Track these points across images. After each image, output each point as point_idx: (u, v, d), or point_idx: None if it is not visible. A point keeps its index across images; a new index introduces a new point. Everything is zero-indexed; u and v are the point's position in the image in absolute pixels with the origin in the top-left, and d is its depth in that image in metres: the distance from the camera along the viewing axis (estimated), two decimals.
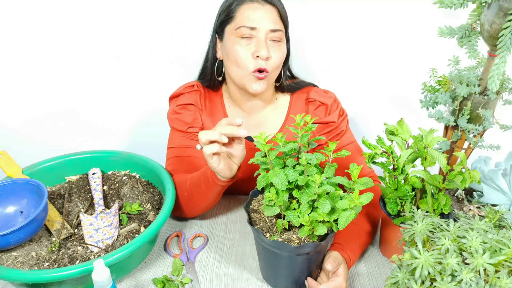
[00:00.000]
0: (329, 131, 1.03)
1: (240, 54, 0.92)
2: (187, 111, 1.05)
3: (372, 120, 1.38)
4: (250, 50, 0.92)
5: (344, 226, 0.68)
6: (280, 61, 0.96)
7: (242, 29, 0.91)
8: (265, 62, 0.92)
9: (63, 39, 1.28)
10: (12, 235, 0.75)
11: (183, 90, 1.07)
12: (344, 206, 0.68)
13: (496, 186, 0.87)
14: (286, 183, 0.70)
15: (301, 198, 0.70)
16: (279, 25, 0.93)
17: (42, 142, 1.41)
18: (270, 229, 0.77)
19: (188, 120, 1.04)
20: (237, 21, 0.93)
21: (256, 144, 0.73)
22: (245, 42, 0.92)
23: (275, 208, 0.72)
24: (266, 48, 0.91)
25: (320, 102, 1.04)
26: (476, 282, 0.52)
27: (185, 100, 1.06)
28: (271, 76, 0.96)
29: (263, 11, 0.92)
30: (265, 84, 0.95)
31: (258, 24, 0.91)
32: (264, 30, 0.91)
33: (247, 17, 0.91)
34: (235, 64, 0.94)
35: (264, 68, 0.92)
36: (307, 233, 0.70)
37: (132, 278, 0.86)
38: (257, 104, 1.05)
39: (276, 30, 0.93)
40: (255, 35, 0.92)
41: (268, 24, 0.91)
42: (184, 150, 1.03)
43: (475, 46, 0.83)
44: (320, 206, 0.68)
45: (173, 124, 1.06)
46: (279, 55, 0.94)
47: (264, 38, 0.92)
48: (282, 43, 0.95)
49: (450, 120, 0.89)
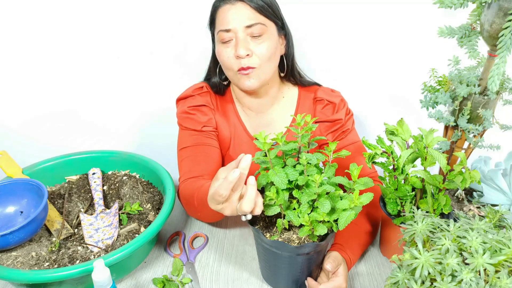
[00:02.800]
0: (336, 129, 1.03)
1: (224, 57, 0.94)
2: (200, 112, 1.04)
3: (372, 120, 1.37)
4: (231, 51, 0.93)
5: (344, 226, 0.68)
6: (269, 54, 0.94)
7: (220, 34, 0.93)
8: (247, 60, 0.92)
9: (63, 39, 1.28)
10: (12, 235, 0.76)
11: (192, 92, 1.05)
12: (344, 206, 0.68)
13: (496, 186, 0.87)
14: (286, 182, 0.70)
15: (301, 198, 0.70)
16: (254, 19, 0.91)
17: (42, 142, 1.41)
18: (270, 229, 0.77)
19: (203, 120, 1.03)
20: (217, 25, 0.94)
21: (256, 143, 0.73)
22: (226, 45, 0.93)
23: (275, 208, 0.72)
24: (243, 46, 0.91)
25: (328, 101, 1.04)
26: (476, 282, 0.52)
27: (196, 102, 1.04)
28: (261, 70, 0.94)
29: (234, 11, 0.91)
30: (256, 80, 0.94)
31: (232, 25, 0.91)
32: (239, 29, 0.91)
33: (221, 20, 0.93)
34: (224, 66, 0.96)
35: (247, 65, 0.92)
36: (307, 233, 0.70)
37: (132, 278, 0.86)
38: (263, 102, 1.05)
39: (252, 24, 0.91)
40: (233, 36, 0.92)
41: (241, 22, 0.91)
42: (197, 149, 1.00)
43: (475, 46, 0.83)
44: (320, 206, 0.68)
45: (185, 124, 1.03)
46: (263, 47, 0.93)
47: (243, 36, 0.92)
48: (266, 35, 0.93)
49: (450, 120, 0.89)
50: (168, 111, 1.29)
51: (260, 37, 0.93)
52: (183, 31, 1.27)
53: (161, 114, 1.39)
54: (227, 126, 1.06)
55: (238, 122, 1.07)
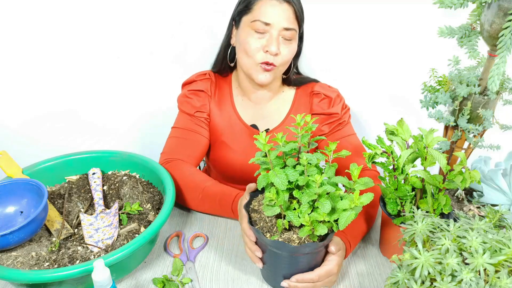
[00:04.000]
0: (332, 121, 1.08)
1: (251, 46, 0.97)
2: (197, 96, 1.11)
3: (372, 120, 1.38)
4: (261, 43, 0.97)
5: (344, 226, 0.68)
6: (289, 58, 1.01)
7: (257, 23, 0.96)
8: (273, 57, 0.97)
9: (63, 39, 1.28)
10: (12, 235, 0.75)
11: (196, 78, 1.12)
12: (344, 206, 0.68)
13: (496, 186, 0.87)
14: (286, 183, 0.70)
15: (302, 198, 0.70)
16: (293, 24, 0.97)
17: (42, 142, 1.41)
18: (270, 229, 0.77)
19: (197, 105, 1.10)
20: (254, 14, 0.97)
21: (257, 144, 0.73)
22: (257, 36, 0.97)
23: (275, 208, 0.72)
24: (276, 45, 0.96)
25: (325, 95, 1.09)
26: (476, 282, 0.52)
27: (197, 86, 1.11)
28: (278, 69, 1.01)
29: (279, 9, 0.95)
30: (271, 76, 1.00)
31: (273, 20, 0.95)
32: (277, 27, 0.96)
33: (264, 12, 0.95)
34: (245, 53, 1.00)
35: (272, 62, 0.97)
36: (307, 233, 0.70)
37: (132, 278, 0.86)
38: (264, 95, 1.10)
39: (290, 28, 0.97)
40: (269, 30, 0.96)
41: (283, 22, 0.96)
42: (187, 133, 1.08)
43: (475, 46, 0.83)
44: (321, 206, 0.68)
45: (182, 106, 1.11)
46: (288, 51, 0.99)
47: (277, 35, 0.96)
48: (293, 41, 1.00)
49: (450, 120, 0.89)
50: (168, 111, 1.30)
51: (289, 41, 0.99)
52: (183, 31, 1.27)
53: (161, 114, 1.39)
54: (220, 114, 1.12)
55: (232, 111, 1.12)
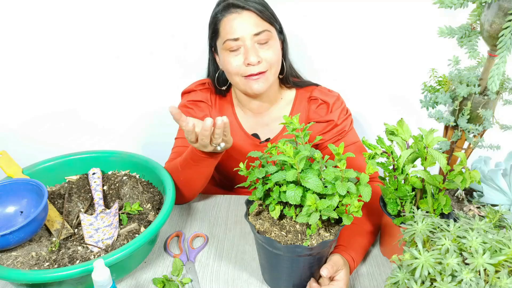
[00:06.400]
0: (330, 129, 1.04)
1: (232, 65, 0.97)
2: (197, 107, 1.11)
3: (372, 120, 1.38)
4: (240, 59, 0.96)
5: (369, 198, 0.70)
6: (276, 58, 0.98)
7: (227, 43, 0.95)
8: (257, 67, 0.96)
9: (63, 39, 1.28)
10: (12, 235, 0.75)
11: (195, 87, 1.12)
12: (365, 180, 0.72)
13: (496, 186, 0.87)
14: (321, 184, 0.69)
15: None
16: (262, 27, 0.95)
17: (42, 142, 1.41)
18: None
19: (199, 115, 1.09)
20: (222, 35, 0.97)
21: (285, 158, 0.70)
22: (234, 54, 0.96)
23: (306, 216, 0.71)
24: (254, 54, 0.94)
25: (322, 101, 1.06)
26: (476, 282, 0.52)
27: (196, 97, 1.11)
28: (270, 73, 0.99)
29: (241, 19, 0.94)
30: (264, 83, 0.99)
31: (240, 33, 0.94)
32: (247, 37, 0.94)
33: (229, 29, 0.95)
34: (230, 74, 1.00)
35: (258, 71, 0.96)
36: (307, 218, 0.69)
37: (132, 278, 0.86)
38: (263, 104, 1.09)
39: (260, 32, 0.95)
40: (241, 44, 0.95)
41: (250, 30, 0.94)
42: (188, 144, 1.07)
43: (475, 46, 0.83)
44: (339, 188, 0.68)
45: None
46: (272, 52, 0.97)
47: (251, 44, 0.95)
48: (272, 40, 0.98)
49: (450, 120, 0.89)
50: (168, 111, 1.30)
51: (267, 44, 0.97)
52: (183, 31, 1.28)
53: (161, 114, 1.39)
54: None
55: (234, 120, 1.11)
